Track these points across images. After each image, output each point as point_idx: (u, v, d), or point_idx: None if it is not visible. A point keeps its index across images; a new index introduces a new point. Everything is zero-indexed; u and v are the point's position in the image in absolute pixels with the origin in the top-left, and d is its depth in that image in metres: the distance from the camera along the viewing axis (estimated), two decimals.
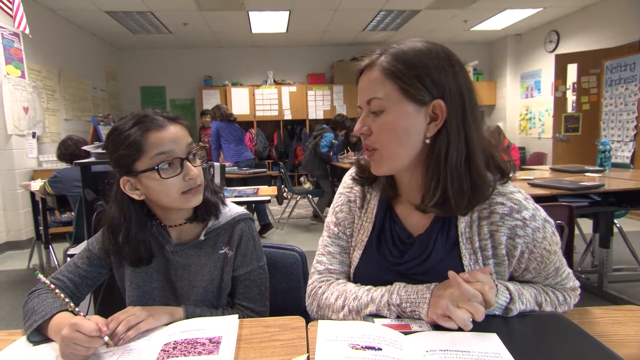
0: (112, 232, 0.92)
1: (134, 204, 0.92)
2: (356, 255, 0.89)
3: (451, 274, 0.70)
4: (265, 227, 4.53)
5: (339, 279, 0.89)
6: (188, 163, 0.89)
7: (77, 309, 0.77)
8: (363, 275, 0.86)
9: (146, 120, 0.87)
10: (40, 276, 0.79)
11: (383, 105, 0.75)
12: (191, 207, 0.93)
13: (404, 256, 0.83)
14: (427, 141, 0.75)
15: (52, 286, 0.80)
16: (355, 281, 0.87)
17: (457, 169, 0.74)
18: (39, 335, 0.77)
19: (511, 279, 0.83)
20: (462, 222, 0.79)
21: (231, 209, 1.02)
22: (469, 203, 0.75)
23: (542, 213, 0.79)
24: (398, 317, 0.75)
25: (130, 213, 0.92)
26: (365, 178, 0.90)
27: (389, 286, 0.78)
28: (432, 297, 0.72)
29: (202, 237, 0.97)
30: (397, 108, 0.74)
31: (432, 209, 0.77)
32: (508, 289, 0.76)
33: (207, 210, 0.97)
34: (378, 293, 0.78)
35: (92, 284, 0.98)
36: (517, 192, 0.79)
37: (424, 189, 0.77)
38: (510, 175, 0.80)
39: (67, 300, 0.78)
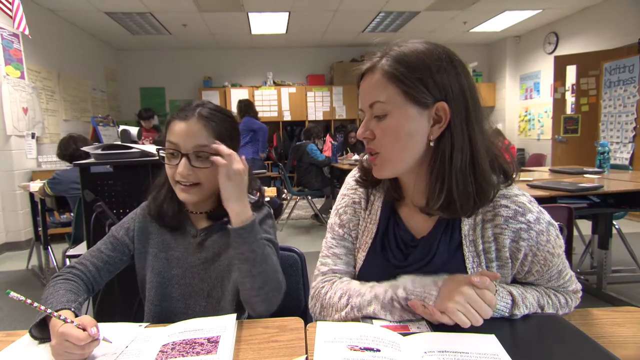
0: (156, 190, 1.02)
1: None
2: (360, 257, 0.89)
3: (475, 280, 0.69)
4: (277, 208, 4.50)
5: (342, 277, 0.88)
6: (184, 161, 0.91)
7: (62, 316, 0.72)
8: (367, 277, 0.86)
9: (183, 108, 0.96)
10: (13, 293, 0.73)
11: (386, 108, 0.74)
12: (182, 199, 0.96)
13: (408, 259, 0.83)
14: (431, 144, 0.75)
15: (29, 301, 0.75)
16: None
17: (462, 171, 0.73)
18: (43, 331, 0.75)
19: (514, 281, 0.83)
20: (466, 225, 0.79)
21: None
22: (475, 205, 0.75)
23: (546, 216, 0.78)
24: (401, 315, 0.74)
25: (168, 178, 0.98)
26: (368, 181, 0.90)
27: (393, 281, 0.77)
28: (440, 293, 0.71)
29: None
30: (400, 111, 0.73)
31: (437, 212, 0.76)
32: (511, 294, 0.75)
33: (221, 216, 0.98)
34: (382, 289, 0.77)
35: (113, 270, 1.00)
36: (522, 194, 0.79)
37: (429, 192, 0.77)
38: (514, 176, 0.79)
39: (49, 311, 0.74)
